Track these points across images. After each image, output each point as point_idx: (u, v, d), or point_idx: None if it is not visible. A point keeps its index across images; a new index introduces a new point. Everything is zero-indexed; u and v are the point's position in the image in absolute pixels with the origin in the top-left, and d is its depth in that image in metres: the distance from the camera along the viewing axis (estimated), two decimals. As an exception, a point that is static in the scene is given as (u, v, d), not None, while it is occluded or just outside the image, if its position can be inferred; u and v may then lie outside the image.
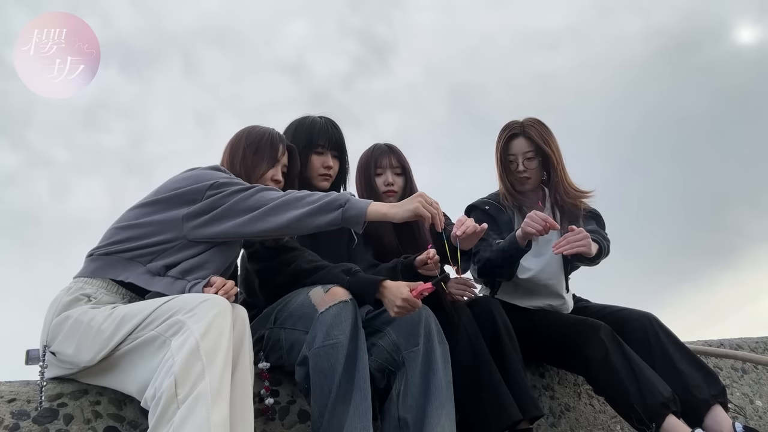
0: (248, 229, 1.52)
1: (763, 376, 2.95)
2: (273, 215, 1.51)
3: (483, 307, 1.97)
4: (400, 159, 2.21)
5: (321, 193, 1.56)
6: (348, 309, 1.54)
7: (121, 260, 1.54)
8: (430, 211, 1.53)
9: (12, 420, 1.40)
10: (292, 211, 1.50)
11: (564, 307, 2.30)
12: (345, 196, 1.54)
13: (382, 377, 1.68)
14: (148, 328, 1.33)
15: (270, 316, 1.73)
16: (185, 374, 1.20)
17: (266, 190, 1.57)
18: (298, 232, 1.61)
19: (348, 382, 1.47)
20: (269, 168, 1.78)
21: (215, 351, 1.25)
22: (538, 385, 2.29)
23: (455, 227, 1.74)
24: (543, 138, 2.24)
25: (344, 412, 1.44)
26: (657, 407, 1.81)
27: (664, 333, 2.09)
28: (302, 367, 1.55)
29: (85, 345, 1.40)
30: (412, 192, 2.19)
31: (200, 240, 1.57)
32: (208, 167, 1.67)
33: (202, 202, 1.54)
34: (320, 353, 1.49)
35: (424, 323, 1.67)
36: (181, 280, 1.53)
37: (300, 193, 1.55)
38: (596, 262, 2.22)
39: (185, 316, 1.29)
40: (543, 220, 1.93)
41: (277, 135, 1.84)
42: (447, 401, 1.60)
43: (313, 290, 1.62)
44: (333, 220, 1.51)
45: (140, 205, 1.61)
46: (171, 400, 1.19)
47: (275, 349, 1.70)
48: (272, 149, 1.80)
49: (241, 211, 1.52)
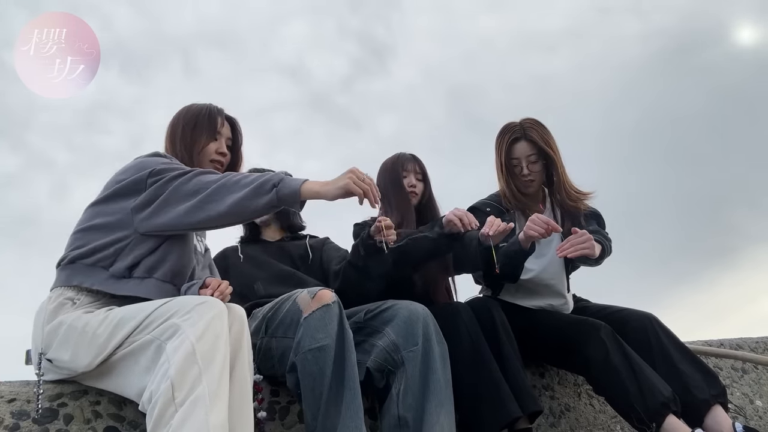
0: (191, 219, 1.47)
1: (763, 376, 2.95)
2: (213, 202, 1.46)
3: (482, 308, 1.98)
4: (421, 166, 2.39)
5: (256, 174, 1.51)
6: (332, 311, 1.54)
7: (84, 267, 1.52)
8: (361, 187, 1.45)
9: (12, 420, 1.40)
10: (230, 195, 1.45)
11: (565, 306, 2.31)
12: (279, 175, 1.47)
13: (382, 377, 1.68)
14: (144, 332, 1.31)
15: (261, 326, 1.73)
16: (182, 378, 1.19)
17: (203, 173, 1.52)
18: (240, 219, 1.55)
19: (338, 383, 1.47)
20: (210, 141, 1.74)
21: (212, 354, 1.24)
22: (538, 385, 2.29)
23: (486, 227, 1.90)
24: (544, 140, 2.24)
25: (336, 413, 1.44)
26: (657, 407, 1.81)
27: (664, 333, 2.09)
28: (292, 374, 1.55)
29: (81, 351, 1.39)
30: (430, 198, 2.37)
31: (151, 233, 1.53)
32: (148, 154, 1.64)
33: (146, 192, 1.51)
34: (307, 357, 1.49)
35: (422, 323, 1.67)
36: (149, 279, 1.52)
37: (236, 176, 1.50)
38: (599, 263, 2.23)
39: (181, 320, 1.28)
40: (545, 223, 1.94)
41: (215, 108, 1.80)
42: (446, 400, 1.61)
43: (300, 296, 1.62)
44: (269, 201, 1.45)
45: (93, 204, 1.59)
46: (168, 403, 1.18)
47: (267, 359, 1.70)
48: (210, 122, 1.75)
49: (181, 198, 1.48)
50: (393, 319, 1.71)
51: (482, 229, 1.92)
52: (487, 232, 1.90)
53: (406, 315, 1.69)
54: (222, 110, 1.81)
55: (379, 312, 1.76)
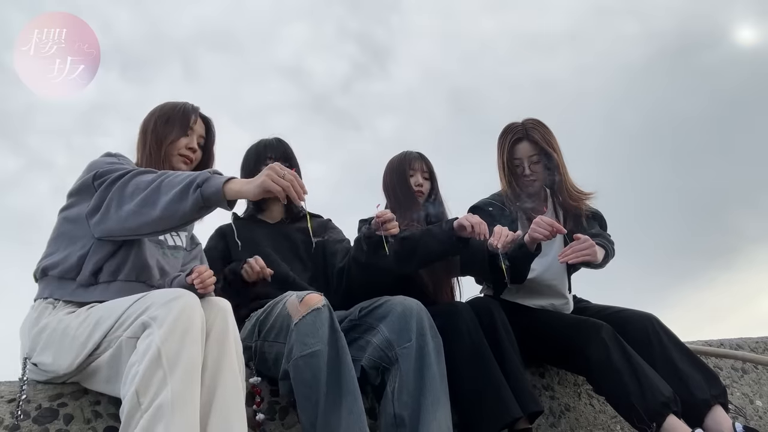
0: (132, 224, 1.43)
1: (763, 376, 2.95)
2: (148, 206, 1.40)
3: (483, 308, 1.98)
4: (428, 165, 2.38)
5: (188, 172, 1.43)
6: (322, 315, 1.52)
7: (54, 279, 1.54)
8: (280, 184, 1.35)
9: (12, 420, 1.40)
10: (162, 197, 1.38)
11: (566, 306, 2.31)
12: (204, 174, 1.39)
13: (377, 374, 1.67)
14: (120, 330, 1.30)
15: (255, 329, 1.73)
16: (147, 383, 1.18)
17: (142, 173, 1.46)
18: (172, 223, 1.43)
19: (336, 388, 1.45)
20: (181, 135, 1.72)
21: (178, 355, 1.22)
22: (538, 385, 2.29)
23: (493, 239, 1.89)
24: (546, 140, 2.25)
25: (337, 418, 1.42)
26: (658, 407, 1.80)
27: (665, 333, 2.09)
28: (285, 382, 1.54)
29: (61, 352, 1.40)
30: (437, 197, 2.36)
31: (105, 238, 1.50)
32: (101, 155, 1.62)
33: (94, 196, 1.48)
34: (299, 364, 1.47)
35: (416, 318, 1.66)
36: (115, 282, 1.52)
37: (170, 175, 1.43)
38: (603, 266, 2.23)
39: (151, 317, 1.26)
40: (549, 225, 1.95)
41: (190, 106, 1.79)
42: (442, 395, 1.59)
43: (289, 300, 1.61)
44: (195, 202, 1.37)
45: (60, 209, 1.59)
46: (135, 408, 1.18)
47: (263, 361, 1.70)
48: (183, 117, 1.74)
49: (122, 201, 1.43)
50: (387, 315, 1.70)
51: (490, 240, 1.91)
52: (496, 244, 1.89)
53: (400, 311, 1.68)
54: (197, 108, 1.80)
55: (373, 308, 1.75)
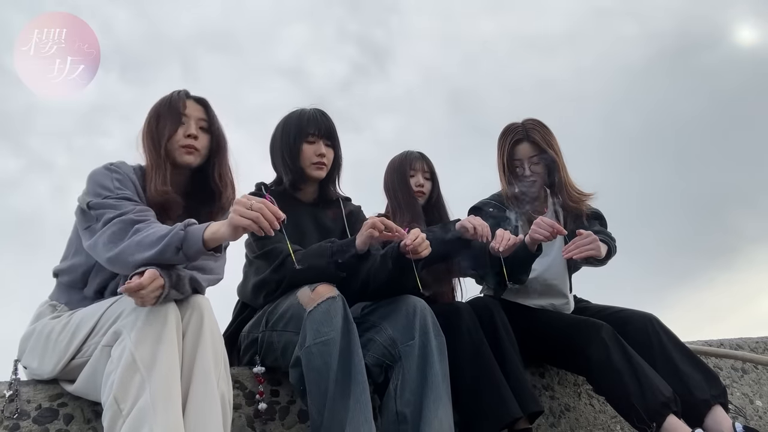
0: (114, 269, 1.43)
1: (763, 376, 2.95)
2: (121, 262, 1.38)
3: (483, 308, 1.98)
4: (429, 165, 2.37)
5: (156, 229, 1.38)
6: (337, 305, 1.53)
7: (63, 286, 1.57)
8: (249, 217, 1.29)
9: (12, 420, 1.40)
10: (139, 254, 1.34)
11: (566, 306, 2.31)
12: (178, 235, 1.33)
13: (380, 372, 1.68)
14: (97, 335, 1.32)
15: (262, 319, 1.73)
16: (125, 389, 1.19)
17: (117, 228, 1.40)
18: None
19: (345, 377, 1.46)
20: (175, 128, 1.63)
21: (154, 357, 1.22)
22: (538, 385, 2.29)
23: (495, 242, 1.90)
24: (546, 141, 2.25)
25: (344, 407, 1.43)
26: (658, 407, 1.80)
27: (665, 334, 2.09)
28: (296, 369, 1.55)
29: (45, 357, 1.42)
30: (438, 197, 2.35)
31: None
32: (101, 166, 1.58)
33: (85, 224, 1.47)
34: (312, 351, 1.48)
35: (419, 316, 1.66)
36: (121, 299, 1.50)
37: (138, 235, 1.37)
38: (605, 263, 2.23)
39: (122, 323, 1.27)
40: (550, 226, 1.95)
41: (176, 92, 1.69)
42: (444, 393, 1.60)
43: (300, 290, 1.62)
44: (180, 261, 1.36)
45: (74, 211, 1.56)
46: (117, 415, 1.19)
47: (270, 352, 1.71)
48: (172, 108, 1.65)
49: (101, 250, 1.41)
50: (390, 313, 1.70)
51: (492, 243, 1.92)
52: (497, 248, 1.90)
53: (403, 309, 1.69)
54: (184, 92, 1.71)
55: (377, 306, 1.76)
